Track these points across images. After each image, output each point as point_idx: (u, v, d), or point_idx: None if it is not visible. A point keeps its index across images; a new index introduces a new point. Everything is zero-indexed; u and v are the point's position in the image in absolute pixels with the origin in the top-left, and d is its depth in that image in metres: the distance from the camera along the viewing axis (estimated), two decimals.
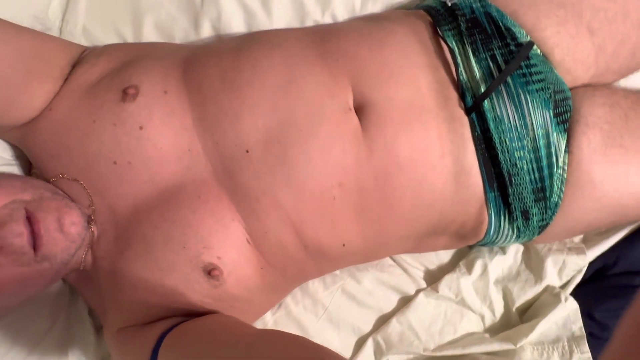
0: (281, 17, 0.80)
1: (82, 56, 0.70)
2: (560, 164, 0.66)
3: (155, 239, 0.62)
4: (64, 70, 0.67)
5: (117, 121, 0.62)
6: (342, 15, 0.81)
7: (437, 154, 0.64)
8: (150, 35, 0.79)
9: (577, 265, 0.79)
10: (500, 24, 0.68)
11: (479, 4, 0.70)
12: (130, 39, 0.79)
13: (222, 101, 0.63)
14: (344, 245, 0.67)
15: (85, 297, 0.74)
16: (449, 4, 0.71)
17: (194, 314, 0.62)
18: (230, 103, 0.63)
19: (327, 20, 0.81)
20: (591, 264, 0.79)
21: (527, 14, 0.68)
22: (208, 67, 0.65)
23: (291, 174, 0.62)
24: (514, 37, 0.67)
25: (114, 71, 0.66)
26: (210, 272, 0.61)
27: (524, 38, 0.68)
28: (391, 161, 0.63)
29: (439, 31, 0.68)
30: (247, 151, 0.62)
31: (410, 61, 0.65)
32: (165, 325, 0.60)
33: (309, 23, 0.80)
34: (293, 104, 0.62)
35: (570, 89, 0.70)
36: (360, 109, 0.64)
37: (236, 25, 0.79)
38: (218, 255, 0.62)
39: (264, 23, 0.79)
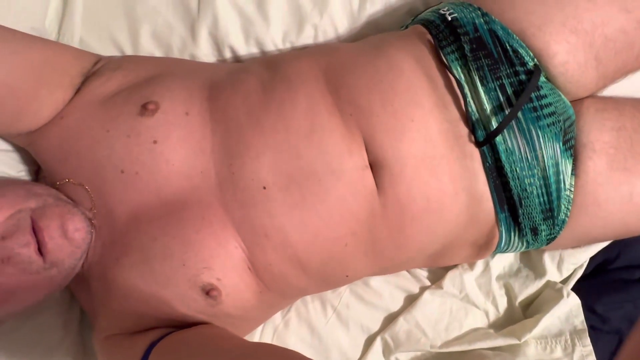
0: (278, 22, 0.79)
1: (97, 67, 0.70)
2: (568, 186, 0.67)
3: (153, 251, 0.62)
4: (75, 80, 0.67)
5: (131, 133, 0.63)
6: (340, 18, 0.80)
7: (450, 195, 0.65)
8: (147, 44, 0.78)
9: (574, 258, 0.81)
10: (507, 46, 0.65)
11: (482, 20, 0.67)
12: (127, 48, 0.78)
13: (246, 135, 0.63)
14: (347, 276, 0.70)
15: (80, 300, 0.75)
16: (449, 19, 0.68)
17: (185, 326, 0.63)
18: (252, 139, 0.63)
19: (326, 23, 0.80)
20: (592, 258, 0.81)
21: (536, 36, 0.66)
22: (235, 97, 0.66)
23: (307, 219, 0.62)
24: (522, 62, 0.65)
25: (133, 86, 0.67)
26: (208, 292, 0.62)
27: (531, 62, 0.66)
28: (405, 215, 0.64)
29: (443, 58, 0.66)
30: (265, 188, 0.62)
31: (420, 107, 0.64)
32: (155, 335, 0.61)
33: (308, 27, 0.79)
34: (315, 155, 0.63)
35: (571, 102, 0.70)
36: (373, 167, 0.64)
37: (233, 31, 0.78)
38: (218, 277, 0.62)
39: (262, 29, 0.78)
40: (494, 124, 0.64)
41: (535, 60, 0.66)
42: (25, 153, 0.73)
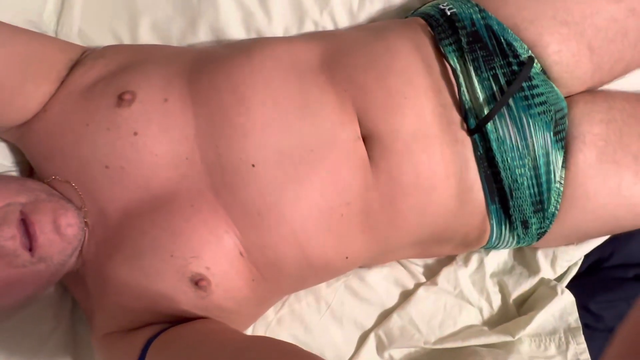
0: (279, 17, 0.79)
1: (81, 58, 0.69)
2: (558, 178, 0.69)
3: (143, 245, 0.62)
4: (61, 72, 0.67)
5: (111, 126, 0.62)
6: (340, 14, 0.81)
7: (441, 177, 0.66)
8: (146, 36, 0.78)
9: (568, 255, 0.81)
10: (502, 39, 0.68)
11: (479, 16, 0.69)
12: (126, 40, 0.78)
13: (231, 114, 0.63)
14: (347, 258, 0.68)
15: (77, 298, 0.74)
16: (448, 13, 0.70)
17: (181, 321, 0.62)
18: (239, 117, 0.62)
19: (326, 20, 0.81)
20: (587, 256, 0.81)
21: (529, 29, 0.68)
22: (217, 77, 0.65)
23: (300, 191, 0.62)
24: (515, 54, 0.67)
25: (111, 75, 0.66)
26: (197, 282, 0.61)
27: (525, 53, 0.68)
28: (396, 188, 0.65)
29: (440, 48, 0.68)
30: (254, 165, 0.62)
31: (414, 88, 0.65)
32: (152, 331, 0.61)
33: (308, 23, 0.80)
34: (307, 129, 0.63)
35: (565, 98, 0.71)
36: (366, 139, 0.65)
37: (234, 25, 0.79)
38: (207, 265, 0.61)
39: (263, 22, 0.79)
40: (486, 113, 0.65)
41: (530, 52, 0.68)
42: (19, 152, 0.72)
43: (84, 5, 0.77)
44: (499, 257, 0.84)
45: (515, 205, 0.68)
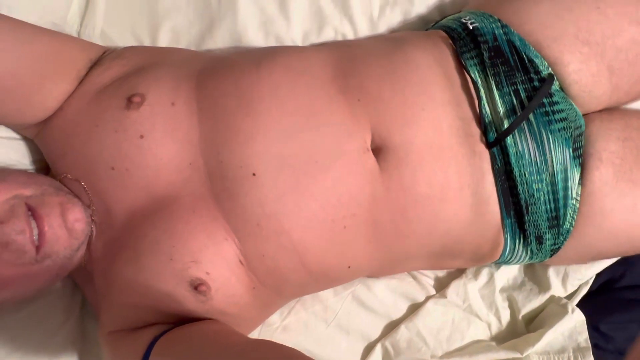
0: (299, 22, 0.79)
1: (101, 58, 0.70)
2: (574, 194, 0.68)
3: (144, 247, 0.61)
4: (81, 72, 0.67)
5: (118, 128, 0.62)
6: (360, 21, 0.81)
7: (455, 188, 0.65)
8: (166, 38, 0.79)
9: (580, 274, 0.81)
10: (523, 55, 0.67)
11: (501, 31, 0.69)
12: (146, 42, 0.79)
13: (235, 121, 0.62)
14: (349, 267, 0.68)
15: (86, 295, 0.74)
16: (471, 27, 0.70)
17: (185, 322, 0.62)
18: (242, 124, 0.62)
19: (346, 26, 0.80)
20: (598, 276, 0.81)
21: (551, 47, 0.68)
22: (224, 83, 0.64)
23: (301, 202, 0.61)
24: (537, 71, 0.67)
25: (125, 76, 0.66)
26: (197, 287, 0.60)
27: (546, 70, 0.68)
28: (408, 198, 0.64)
29: (462, 61, 0.68)
30: (254, 174, 0.61)
31: (432, 100, 0.65)
32: (157, 330, 0.61)
33: (328, 29, 0.80)
34: (311, 138, 0.62)
35: (582, 115, 0.71)
36: (378, 151, 0.64)
37: (253, 30, 0.79)
38: (207, 270, 0.61)
39: (282, 28, 0.79)
40: (506, 127, 0.65)
41: (550, 69, 0.68)
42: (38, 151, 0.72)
43: (107, 7, 0.77)
44: (510, 272, 0.83)
45: (531, 220, 0.68)
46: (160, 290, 0.61)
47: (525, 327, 0.82)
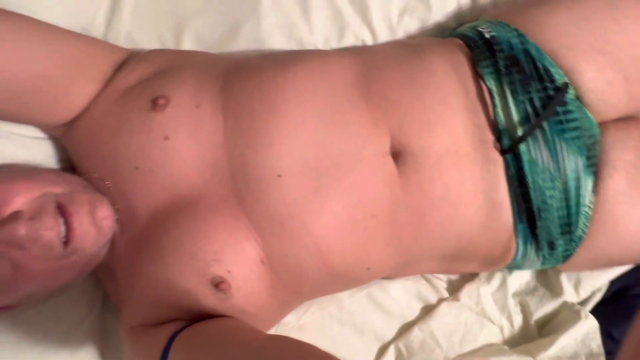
0: (320, 28, 0.81)
1: (126, 60, 0.71)
2: (587, 202, 0.69)
3: (166, 245, 0.63)
4: (107, 74, 0.69)
5: (143, 129, 0.64)
6: (379, 27, 0.82)
7: (470, 193, 0.67)
8: (189, 41, 0.80)
9: (592, 280, 0.81)
10: (539, 64, 0.68)
11: (517, 40, 0.70)
12: (170, 44, 0.80)
13: (259, 123, 0.63)
14: (368, 269, 0.69)
15: (108, 290, 0.76)
16: (487, 37, 0.71)
17: (204, 319, 0.63)
18: (267, 126, 0.63)
19: (365, 32, 0.82)
20: (612, 283, 0.81)
21: (567, 56, 0.69)
22: (249, 85, 0.66)
23: (325, 203, 0.63)
24: (551, 79, 0.68)
25: (149, 78, 0.68)
26: (218, 285, 0.61)
27: (561, 79, 0.68)
28: (426, 201, 0.66)
29: (478, 69, 0.69)
30: (279, 176, 0.62)
31: (449, 107, 0.67)
32: (177, 326, 0.62)
33: (348, 34, 0.81)
34: (333, 141, 0.64)
35: (597, 124, 0.71)
36: (397, 155, 0.66)
37: (275, 33, 0.80)
38: (228, 269, 0.62)
39: (304, 32, 0.80)
40: (520, 134, 0.66)
41: (565, 78, 0.69)
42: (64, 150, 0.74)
43: (133, 11, 0.79)
44: (522, 277, 0.84)
45: (543, 226, 0.69)
46: (182, 287, 0.62)
47: (538, 332, 0.82)
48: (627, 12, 0.69)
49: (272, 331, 0.80)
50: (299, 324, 0.81)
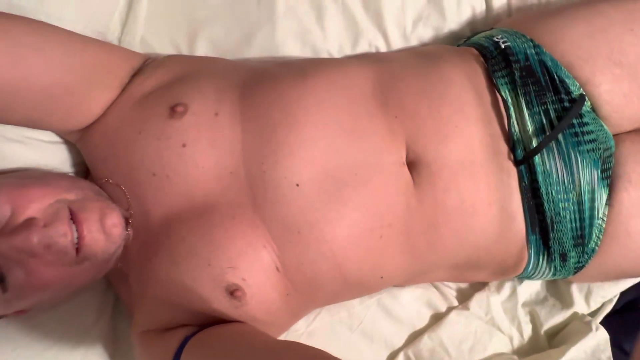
0: (335, 35, 0.81)
1: (142, 66, 0.71)
2: (601, 215, 0.69)
3: (180, 251, 0.63)
4: (123, 80, 0.69)
5: (161, 135, 0.64)
6: (393, 35, 0.82)
7: (484, 203, 0.67)
8: (202, 47, 0.80)
9: (603, 291, 0.81)
10: (555, 76, 0.68)
11: (533, 51, 0.70)
12: (184, 49, 0.80)
13: (279, 132, 0.63)
14: (382, 277, 0.69)
15: (120, 295, 0.76)
16: (503, 47, 0.71)
17: (216, 324, 0.63)
18: (287, 136, 0.63)
19: (380, 40, 0.82)
20: (623, 294, 0.81)
21: (583, 68, 0.69)
22: (269, 94, 0.66)
23: (343, 211, 0.63)
24: (567, 91, 0.68)
25: (166, 85, 0.68)
26: (233, 292, 0.62)
27: (577, 91, 0.68)
28: (440, 212, 0.66)
29: (493, 80, 0.69)
30: (298, 185, 0.63)
31: (465, 118, 0.67)
32: (189, 330, 0.62)
33: (362, 42, 0.81)
34: (353, 152, 0.64)
35: (612, 136, 0.71)
36: (413, 165, 0.66)
37: (290, 40, 0.80)
38: (243, 277, 0.62)
39: (318, 39, 0.80)
40: (535, 145, 0.66)
41: (581, 90, 0.69)
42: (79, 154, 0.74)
43: (148, 15, 0.79)
44: (532, 287, 0.84)
45: (556, 238, 0.69)
46: (196, 293, 0.62)
47: (548, 343, 0.82)
48: None
49: (282, 337, 0.80)
50: (309, 330, 0.81)
